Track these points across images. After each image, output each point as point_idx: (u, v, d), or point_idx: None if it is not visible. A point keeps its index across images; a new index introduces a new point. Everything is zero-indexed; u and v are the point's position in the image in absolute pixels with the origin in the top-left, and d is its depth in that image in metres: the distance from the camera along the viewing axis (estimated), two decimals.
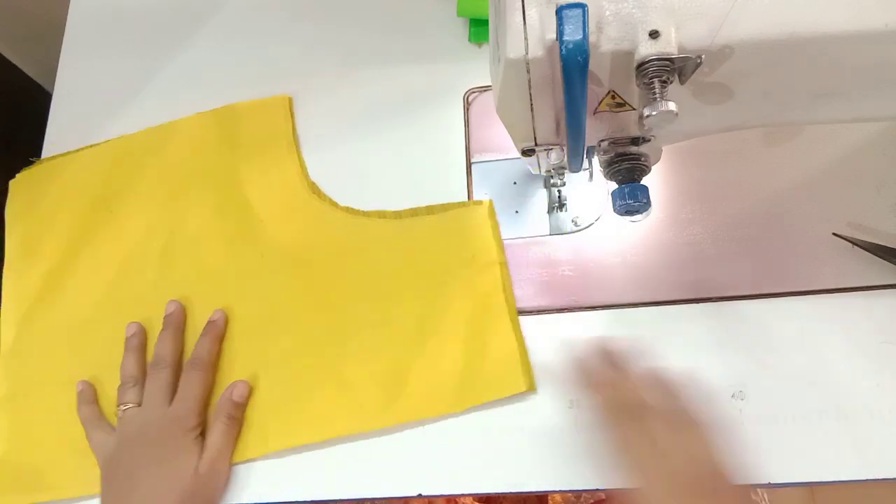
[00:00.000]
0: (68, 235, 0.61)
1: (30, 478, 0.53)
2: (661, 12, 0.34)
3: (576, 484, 0.47)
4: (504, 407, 0.50)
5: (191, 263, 0.58)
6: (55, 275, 0.59)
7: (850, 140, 0.54)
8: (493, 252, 0.53)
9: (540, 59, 0.35)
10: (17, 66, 0.86)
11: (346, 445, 0.50)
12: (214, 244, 0.58)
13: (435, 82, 0.61)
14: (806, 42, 0.34)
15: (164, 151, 0.62)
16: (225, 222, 0.59)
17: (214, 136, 0.62)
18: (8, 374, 0.57)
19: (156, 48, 0.67)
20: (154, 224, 0.60)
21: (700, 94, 0.39)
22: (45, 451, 0.54)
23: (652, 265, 0.53)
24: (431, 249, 0.54)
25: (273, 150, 0.60)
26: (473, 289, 0.52)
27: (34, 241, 0.61)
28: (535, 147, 0.44)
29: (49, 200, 0.63)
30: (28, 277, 0.60)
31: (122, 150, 0.64)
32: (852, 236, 0.50)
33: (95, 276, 0.59)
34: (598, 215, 0.55)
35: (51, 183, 0.63)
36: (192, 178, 0.61)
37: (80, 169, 0.63)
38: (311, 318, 0.54)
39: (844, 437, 0.46)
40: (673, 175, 0.55)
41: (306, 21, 0.66)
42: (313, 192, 0.58)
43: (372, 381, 0.51)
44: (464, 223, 0.54)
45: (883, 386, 0.47)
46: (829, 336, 0.49)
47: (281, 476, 0.50)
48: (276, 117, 0.61)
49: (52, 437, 0.54)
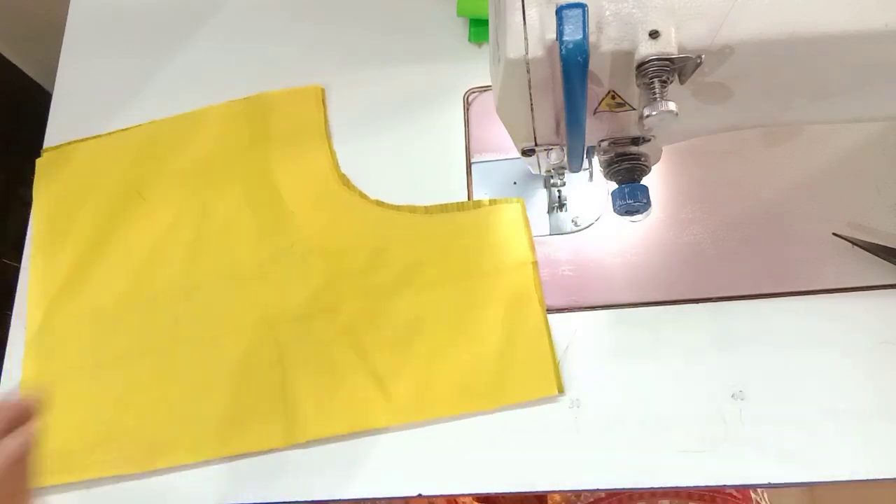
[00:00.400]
0: (98, 219, 0.61)
1: (57, 459, 0.53)
2: (661, 12, 0.34)
3: (576, 484, 0.47)
4: (504, 407, 0.50)
5: (220, 252, 0.58)
6: (84, 259, 0.59)
7: (850, 140, 0.54)
8: (526, 251, 0.53)
9: (540, 59, 0.35)
10: (17, 66, 0.86)
11: (346, 446, 0.50)
12: (244, 233, 0.58)
13: (435, 82, 0.61)
14: (806, 42, 0.34)
15: (195, 138, 0.62)
16: (254, 211, 0.59)
17: (245, 125, 0.62)
18: (35, 357, 0.57)
19: (156, 48, 0.67)
20: (184, 211, 0.60)
21: (700, 94, 0.39)
22: (71, 434, 0.54)
23: (652, 265, 0.53)
24: (464, 245, 0.54)
25: (305, 140, 0.60)
26: (507, 288, 0.52)
27: (62, 224, 0.61)
28: (535, 147, 0.44)
29: (78, 182, 0.63)
30: (56, 260, 0.60)
31: (152, 135, 0.63)
32: (852, 236, 0.50)
33: (124, 261, 0.59)
34: (598, 215, 0.55)
35: (79, 164, 0.63)
36: (222, 166, 0.61)
37: (110, 151, 0.63)
38: (344, 308, 0.54)
39: (844, 437, 0.46)
40: (673, 175, 0.55)
41: (306, 21, 0.66)
42: (344, 184, 0.58)
43: (405, 376, 0.51)
44: (496, 221, 0.54)
45: (883, 386, 0.47)
46: (829, 336, 0.49)
47: (281, 476, 0.50)
48: (309, 107, 0.61)
49: (78, 420, 0.54)
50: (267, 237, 0.57)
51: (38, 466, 0.47)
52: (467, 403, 0.49)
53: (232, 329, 0.55)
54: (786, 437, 0.46)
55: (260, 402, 0.52)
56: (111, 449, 0.52)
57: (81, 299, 0.58)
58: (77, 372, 0.56)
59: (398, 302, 0.53)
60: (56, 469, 0.53)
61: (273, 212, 0.58)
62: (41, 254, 0.61)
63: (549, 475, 0.48)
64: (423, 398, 0.50)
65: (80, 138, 0.64)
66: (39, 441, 0.39)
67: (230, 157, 0.61)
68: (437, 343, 0.51)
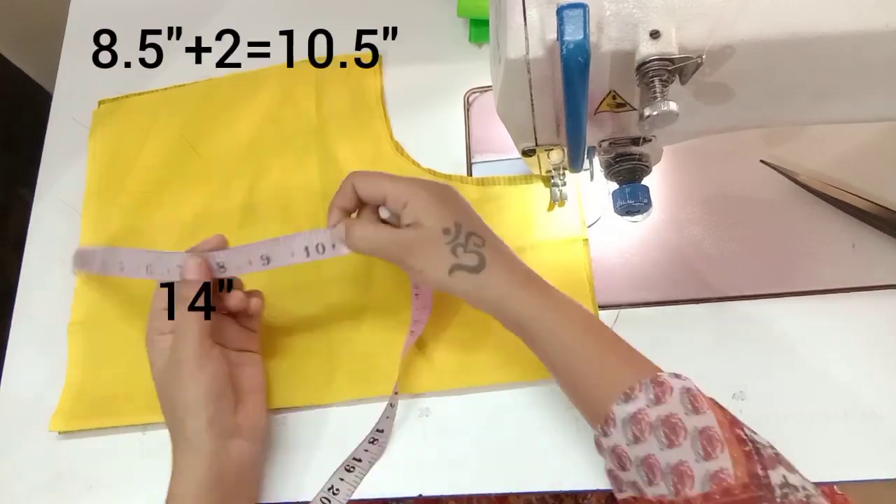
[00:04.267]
0: (152, 172, 0.61)
1: (102, 403, 0.54)
2: (661, 12, 0.34)
3: (576, 484, 0.47)
4: (504, 407, 0.50)
5: (272, 214, 0.58)
6: (137, 210, 0.60)
7: (850, 140, 0.54)
8: (579, 227, 0.53)
9: (540, 59, 0.35)
10: (17, 66, 0.86)
11: (346, 446, 0.50)
12: (299, 197, 0.58)
13: (435, 82, 0.62)
14: (806, 42, 0.34)
15: (253, 98, 0.62)
16: (309, 175, 0.59)
17: (304, 89, 0.62)
18: (85, 301, 0.58)
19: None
20: (239, 168, 0.60)
21: (700, 95, 0.39)
22: (116, 379, 0.54)
23: (652, 265, 0.53)
24: (516, 217, 0.54)
25: (361, 106, 0.60)
26: (559, 263, 0.52)
27: (118, 172, 0.61)
28: (536, 147, 0.44)
29: (133, 134, 0.63)
30: (109, 209, 0.60)
31: (209, 92, 0.64)
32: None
33: (175, 216, 0.59)
34: (598, 215, 0.55)
35: (135, 116, 0.64)
36: (278, 129, 0.61)
37: (166, 105, 0.64)
38: (391, 275, 0.54)
39: (845, 437, 0.46)
40: (673, 175, 0.55)
41: (306, 21, 0.66)
42: (398, 150, 0.58)
43: (450, 346, 0.51)
44: (547, 197, 0.54)
45: (883, 386, 0.47)
46: (830, 336, 0.49)
47: (282, 476, 0.50)
48: (367, 75, 0.62)
49: (123, 366, 0.54)
50: (323, 202, 0.57)
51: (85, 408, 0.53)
52: (509, 373, 0.50)
53: (280, 291, 0.54)
54: (786, 437, 0.46)
55: (305, 362, 0.53)
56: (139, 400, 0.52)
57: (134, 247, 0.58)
58: (126, 319, 0.56)
59: None
60: (101, 411, 0.54)
61: (329, 177, 0.58)
62: (94, 201, 0.61)
63: (550, 475, 0.48)
64: (466, 367, 0.50)
65: (136, 92, 0.65)
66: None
67: (287, 120, 0.61)
68: (481, 313, 0.50)
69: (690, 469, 0.35)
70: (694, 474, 0.35)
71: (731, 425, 0.37)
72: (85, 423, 0.54)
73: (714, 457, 0.35)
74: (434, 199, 0.44)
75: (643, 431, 0.38)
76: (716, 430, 0.36)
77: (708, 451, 0.35)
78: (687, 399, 0.38)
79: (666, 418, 0.37)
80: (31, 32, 0.84)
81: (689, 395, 0.38)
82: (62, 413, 0.54)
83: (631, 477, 0.39)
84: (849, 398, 0.47)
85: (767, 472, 0.35)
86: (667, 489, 0.36)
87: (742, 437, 0.36)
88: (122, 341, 0.55)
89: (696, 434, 0.36)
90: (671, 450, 0.36)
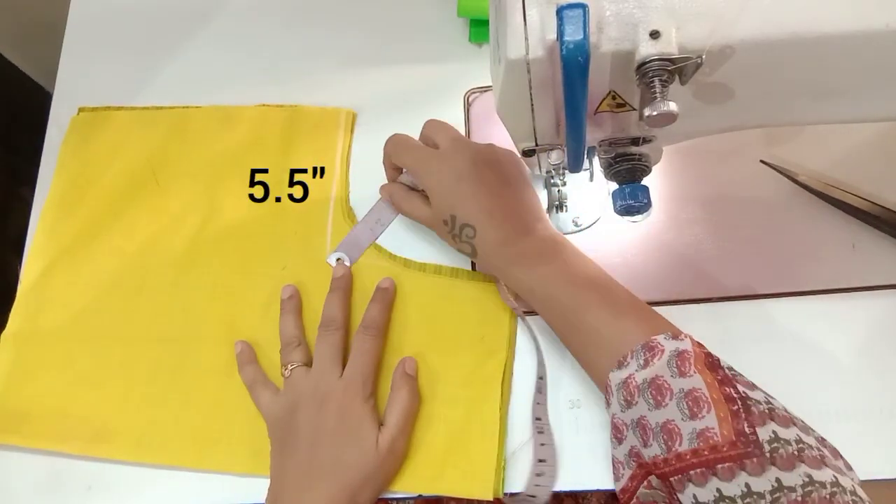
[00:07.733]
0: (113, 193, 0.60)
1: (16, 419, 0.52)
2: (661, 12, 0.34)
3: (576, 484, 0.47)
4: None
5: (216, 257, 0.57)
6: (91, 229, 0.59)
7: (850, 140, 0.54)
8: (505, 339, 0.51)
9: (540, 59, 0.35)
10: (17, 66, 0.86)
11: None
12: (242, 239, 0.57)
13: (435, 82, 0.62)
14: (806, 42, 0.34)
15: (224, 135, 0.62)
16: (263, 221, 0.58)
17: (276, 135, 0.61)
18: (23, 310, 0.57)
19: (156, 48, 0.67)
20: (194, 204, 0.59)
21: (701, 95, 0.39)
22: (37, 397, 0.53)
23: (652, 265, 0.53)
24: (449, 312, 0.53)
25: (325, 162, 0.60)
26: (478, 368, 0.51)
27: (80, 187, 0.61)
28: (536, 147, 0.44)
29: (104, 150, 0.62)
30: (65, 222, 0.60)
31: (183, 120, 0.63)
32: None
33: (124, 243, 0.58)
34: (598, 215, 0.55)
35: (109, 133, 0.63)
36: (240, 168, 0.60)
37: (140, 126, 0.63)
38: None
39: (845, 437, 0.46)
40: (673, 175, 0.55)
41: (307, 21, 0.66)
42: (346, 217, 0.58)
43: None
44: (483, 301, 0.53)
45: (882, 386, 0.47)
46: (830, 336, 0.49)
47: None
48: (338, 130, 0.61)
49: (47, 385, 0.53)
50: (258, 256, 0.57)
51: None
52: (404, 481, 0.48)
53: (210, 338, 0.54)
54: None
55: (232, 421, 0.51)
56: (70, 423, 0.51)
57: (79, 268, 0.58)
58: (56, 338, 0.55)
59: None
60: (12, 428, 0.52)
61: (274, 225, 0.58)
62: (53, 211, 0.60)
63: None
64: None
65: (115, 106, 0.65)
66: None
67: (250, 160, 0.60)
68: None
69: (678, 427, 0.37)
70: (682, 432, 0.36)
71: (720, 385, 0.37)
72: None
73: (700, 417, 0.36)
74: (442, 184, 0.49)
75: (632, 395, 0.39)
76: (702, 391, 0.37)
77: (694, 411, 0.37)
78: (675, 363, 0.39)
79: (652, 380, 0.38)
80: (31, 32, 0.84)
81: (678, 358, 0.39)
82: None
83: (629, 443, 0.40)
84: (849, 398, 0.47)
85: (755, 428, 0.35)
86: (659, 449, 0.37)
87: (732, 395, 0.37)
88: (52, 361, 0.54)
89: (681, 395, 0.37)
90: (658, 410, 0.38)
